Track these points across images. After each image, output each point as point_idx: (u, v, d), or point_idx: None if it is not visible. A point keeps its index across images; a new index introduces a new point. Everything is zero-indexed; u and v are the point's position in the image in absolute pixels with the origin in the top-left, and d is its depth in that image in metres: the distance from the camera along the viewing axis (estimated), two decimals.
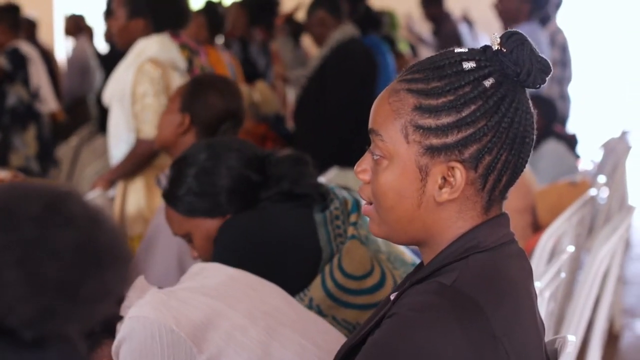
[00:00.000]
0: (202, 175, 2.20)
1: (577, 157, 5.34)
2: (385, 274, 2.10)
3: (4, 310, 0.87)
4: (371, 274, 2.09)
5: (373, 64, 4.92)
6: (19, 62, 5.87)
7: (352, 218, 2.14)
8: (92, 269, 0.89)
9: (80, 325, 0.91)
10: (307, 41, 6.47)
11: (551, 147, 4.97)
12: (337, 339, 1.82)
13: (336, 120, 4.74)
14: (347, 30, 4.90)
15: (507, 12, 5.90)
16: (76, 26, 8.32)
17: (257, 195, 2.20)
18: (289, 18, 7.41)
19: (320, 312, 2.06)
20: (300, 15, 7.06)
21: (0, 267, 0.86)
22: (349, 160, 4.45)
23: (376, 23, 6.17)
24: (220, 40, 5.34)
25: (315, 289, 2.07)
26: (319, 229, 2.11)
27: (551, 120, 5.08)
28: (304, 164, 2.25)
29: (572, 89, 6.23)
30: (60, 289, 0.87)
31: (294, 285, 2.05)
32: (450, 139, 1.36)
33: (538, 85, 1.40)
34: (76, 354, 0.96)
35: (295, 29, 7.35)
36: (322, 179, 2.55)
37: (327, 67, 4.80)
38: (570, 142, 5.30)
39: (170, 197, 2.24)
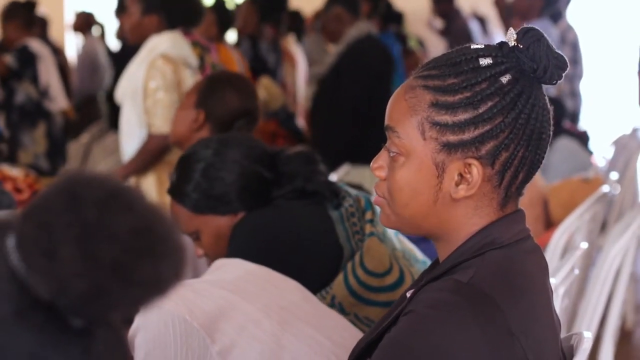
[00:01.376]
0: (210, 171, 2.15)
1: (590, 153, 5.32)
2: (403, 272, 2.09)
3: (57, 286, 0.90)
4: (390, 272, 2.08)
5: (389, 60, 4.91)
6: (28, 60, 5.86)
7: (367, 215, 2.12)
8: (147, 255, 0.92)
9: (127, 310, 0.94)
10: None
11: (563, 143, 4.96)
12: (354, 336, 1.81)
13: (350, 117, 4.72)
14: (362, 27, 4.88)
15: (518, 9, 5.89)
16: (86, 23, 8.33)
17: (269, 192, 2.16)
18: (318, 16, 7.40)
19: (342, 310, 2.04)
20: None
21: (59, 244, 0.90)
22: (362, 157, 4.45)
23: (398, 18, 6.17)
24: (232, 37, 5.33)
25: (337, 287, 2.05)
26: (337, 226, 2.09)
27: (559, 118, 5.07)
28: (314, 162, 2.22)
29: (583, 86, 6.22)
30: (115, 270, 0.90)
31: (314, 282, 2.02)
32: (467, 135, 1.36)
33: (554, 82, 1.40)
34: (120, 342, 0.99)
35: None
36: (333, 177, 2.54)
37: (342, 64, 4.78)
38: (582, 138, 5.29)
39: (178, 193, 2.17)
